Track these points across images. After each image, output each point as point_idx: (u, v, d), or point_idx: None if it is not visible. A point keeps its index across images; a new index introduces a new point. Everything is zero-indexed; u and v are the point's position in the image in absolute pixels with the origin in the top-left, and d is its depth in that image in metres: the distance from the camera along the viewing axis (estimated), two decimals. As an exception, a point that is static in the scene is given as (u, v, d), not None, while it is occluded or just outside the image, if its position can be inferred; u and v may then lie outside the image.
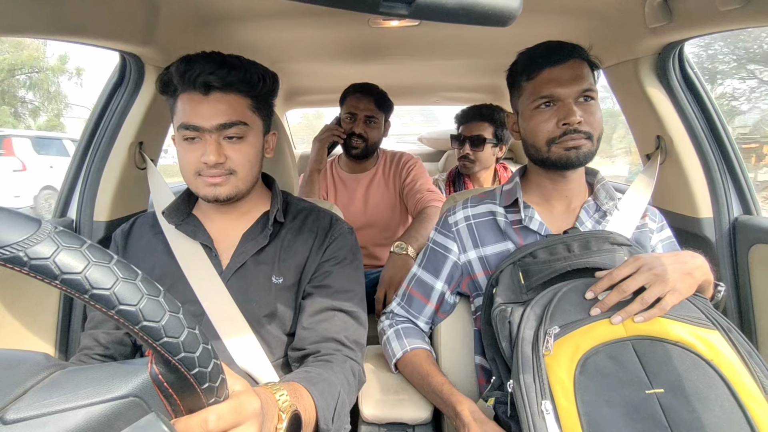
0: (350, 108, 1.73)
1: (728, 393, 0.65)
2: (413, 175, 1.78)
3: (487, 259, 0.97)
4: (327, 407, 0.66)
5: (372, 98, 1.72)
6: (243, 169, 0.84)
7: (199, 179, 0.83)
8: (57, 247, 0.32)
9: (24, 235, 0.31)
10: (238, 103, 0.82)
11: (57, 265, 0.32)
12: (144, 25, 1.03)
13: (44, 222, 0.33)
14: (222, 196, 0.83)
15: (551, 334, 0.73)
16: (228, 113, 0.81)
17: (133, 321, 0.34)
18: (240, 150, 0.83)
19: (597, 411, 0.66)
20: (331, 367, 0.77)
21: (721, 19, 0.90)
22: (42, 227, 0.32)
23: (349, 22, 1.24)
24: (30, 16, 0.80)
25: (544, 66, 0.90)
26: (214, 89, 0.80)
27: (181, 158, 0.84)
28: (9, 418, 0.32)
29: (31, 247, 0.31)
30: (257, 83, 0.84)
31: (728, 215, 1.18)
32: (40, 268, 0.31)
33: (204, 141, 0.81)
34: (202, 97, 0.80)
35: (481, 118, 1.85)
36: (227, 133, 0.81)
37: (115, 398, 0.34)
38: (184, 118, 0.81)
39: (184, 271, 0.86)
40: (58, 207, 1.26)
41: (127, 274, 0.34)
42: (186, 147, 0.83)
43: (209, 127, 0.80)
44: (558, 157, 0.90)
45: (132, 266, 0.35)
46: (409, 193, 1.74)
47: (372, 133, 1.74)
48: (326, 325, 0.83)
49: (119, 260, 0.35)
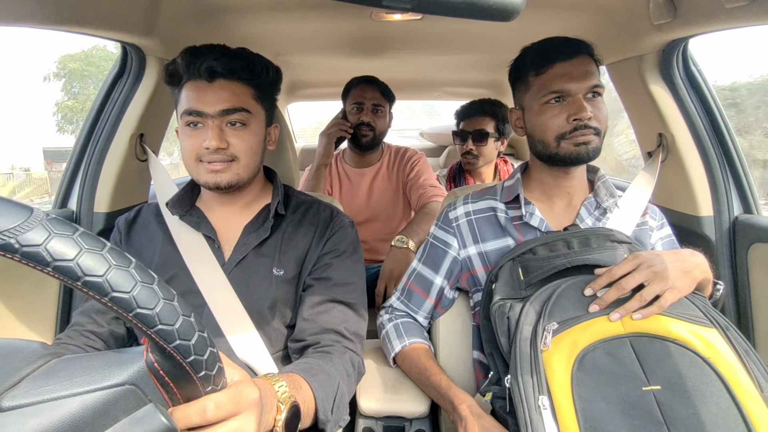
0: (357, 98, 1.73)
1: (724, 390, 0.65)
2: (417, 170, 1.79)
3: (486, 254, 0.97)
4: (326, 398, 0.67)
5: (377, 87, 1.73)
6: (245, 156, 0.84)
7: (200, 165, 0.83)
8: (49, 234, 0.32)
9: (15, 222, 0.31)
10: (242, 91, 0.84)
11: (49, 251, 0.31)
12: (146, 15, 1.03)
13: (36, 209, 0.33)
14: (223, 183, 0.83)
15: (549, 330, 0.73)
16: (231, 100, 0.82)
17: (127, 308, 0.34)
18: (242, 137, 0.84)
19: (594, 407, 0.67)
20: (331, 359, 0.78)
21: (726, 16, 0.89)
22: (34, 214, 0.32)
23: (352, 15, 1.23)
24: (31, 6, 0.80)
25: (555, 60, 0.89)
26: (218, 76, 0.82)
27: (183, 145, 0.85)
28: (5, 405, 0.32)
29: (23, 234, 0.31)
30: (260, 72, 0.86)
31: (728, 214, 1.18)
32: (32, 254, 0.31)
33: (206, 127, 0.82)
34: (206, 84, 0.82)
35: (482, 113, 1.84)
36: (230, 119, 0.83)
37: (110, 386, 0.35)
38: (188, 104, 0.82)
39: (187, 262, 0.86)
40: (59, 198, 1.26)
41: (120, 261, 0.34)
42: (188, 133, 0.84)
43: (212, 112, 0.81)
44: (567, 153, 0.89)
45: (125, 253, 0.35)
46: (413, 187, 1.75)
47: (379, 122, 1.74)
48: (326, 317, 0.84)
49: (112, 247, 0.34)
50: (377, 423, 0.96)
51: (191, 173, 0.86)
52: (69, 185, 1.24)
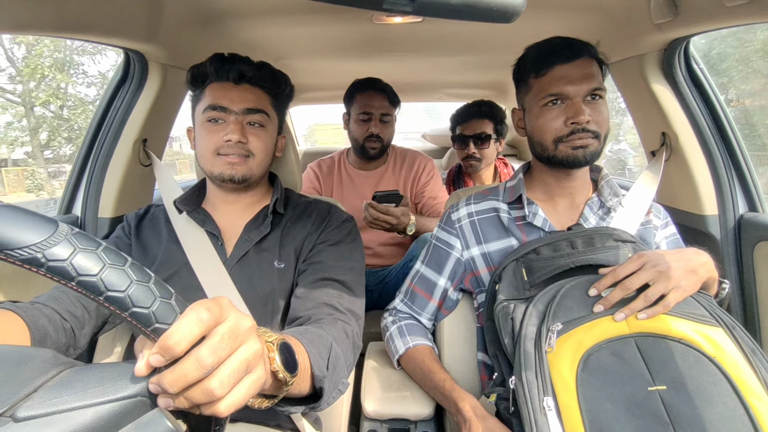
0: (363, 107, 1.68)
1: (731, 390, 0.65)
2: (432, 187, 1.76)
3: (490, 255, 0.97)
4: (319, 355, 0.64)
5: (386, 95, 1.69)
6: (260, 154, 0.91)
7: (218, 159, 0.89)
8: (74, 249, 0.33)
9: (42, 236, 0.32)
10: (263, 96, 0.92)
11: (74, 267, 0.32)
12: (148, 22, 1.04)
13: (61, 223, 0.34)
14: (237, 175, 0.88)
15: (554, 330, 0.73)
16: (254, 101, 0.90)
17: (146, 323, 0.35)
18: (260, 136, 0.91)
19: (599, 407, 0.66)
20: (321, 325, 0.75)
21: (727, 14, 0.89)
22: (59, 229, 0.33)
23: (353, 18, 1.24)
24: (34, 13, 0.80)
25: (554, 63, 0.89)
26: (245, 81, 0.90)
27: (202, 140, 0.90)
28: (20, 415, 0.32)
29: (49, 249, 0.32)
30: (280, 83, 0.95)
31: (734, 212, 1.17)
32: (58, 269, 0.32)
33: (228, 123, 0.88)
34: (232, 85, 0.90)
35: (480, 116, 1.84)
36: (250, 118, 0.90)
37: (123, 398, 0.35)
38: (213, 101, 0.89)
39: (190, 258, 0.88)
40: (63, 204, 1.27)
41: (141, 277, 0.35)
42: (209, 128, 0.89)
43: (236, 109, 0.88)
44: (565, 156, 0.89)
45: (145, 269, 0.36)
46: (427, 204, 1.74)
47: (387, 132, 1.71)
48: (318, 293, 0.83)
49: (133, 263, 0.36)
50: (382, 425, 0.96)
51: (206, 167, 0.91)
52: (73, 191, 1.25)
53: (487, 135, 1.82)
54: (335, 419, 1.00)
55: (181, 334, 0.35)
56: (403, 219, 1.45)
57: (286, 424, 0.88)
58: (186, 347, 0.35)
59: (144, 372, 0.36)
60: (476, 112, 1.84)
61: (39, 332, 0.69)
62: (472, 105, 1.87)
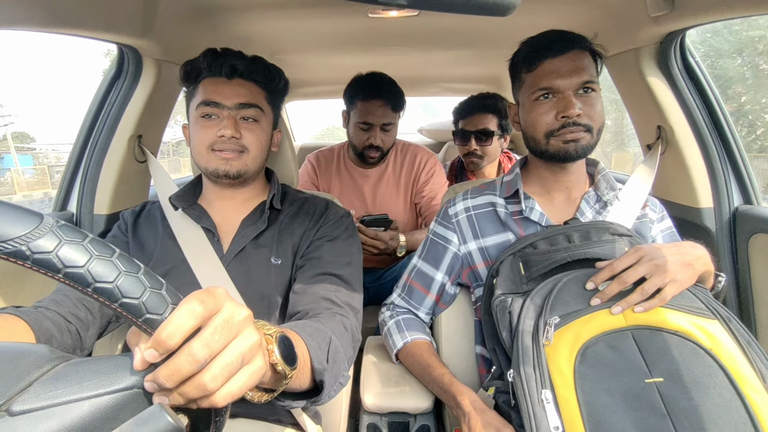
0: (364, 116, 1.56)
1: (727, 382, 0.66)
2: (431, 187, 1.69)
3: (487, 249, 0.97)
4: (319, 348, 0.64)
5: (389, 104, 1.55)
6: (254, 149, 0.90)
7: (212, 154, 0.88)
8: (59, 240, 0.33)
9: (27, 229, 0.32)
10: (256, 91, 0.91)
11: (60, 258, 0.32)
12: (142, 17, 1.02)
13: (46, 216, 0.33)
14: (232, 171, 0.88)
15: (551, 324, 0.74)
16: (247, 96, 0.89)
17: (137, 314, 0.35)
18: (254, 131, 0.90)
19: (597, 400, 0.67)
20: (319, 319, 0.76)
21: (723, 7, 0.89)
22: (44, 221, 0.33)
23: (348, 12, 1.23)
24: (27, 9, 0.79)
25: (544, 57, 0.88)
26: (237, 75, 0.89)
27: (195, 136, 0.90)
28: (15, 409, 0.32)
29: (34, 241, 0.32)
30: (274, 77, 0.94)
31: (728, 205, 1.18)
32: (43, 261, 0.32)
33: (221, 118, 0.88)
34: (225, 80, 0.89)
35: (484, 110, 1.73)
36: (244, 113, 0.89)
37: (119, 390, 0.35)
38: (206, 96, 0.88)
39: (186, 254, 0.88)
40: (59, 200, 1.26)
41: (130, 268, 0.35)
42: (203, 123, 0.89)
43: (229, 104, 0.88)
44: (556, 150, 0.89)
45: (134, 260, 0.36)
46: (425, 205, 1.68)
47: (388, 139, 1.62)
48: (316, 288, 0.83)
49: (121, 253, 0.35)
50: (382, 419, 0.96)
51: (201, 163, 0.90)
52: (68, 187, 1.24)
53: (490, 131, 1.72)
54: (335, 413, 1.01)
55: (173, 326, 0.34)
56: (392, 243, 1.44)
57: (286, 419, 0.89)
58: (179, 340, 0.35)
59: (140, 368, 0.35)
60: (479, 106, 1.74)
61: (44, 335, 0.69)
62: (476, 98, 1.77)
